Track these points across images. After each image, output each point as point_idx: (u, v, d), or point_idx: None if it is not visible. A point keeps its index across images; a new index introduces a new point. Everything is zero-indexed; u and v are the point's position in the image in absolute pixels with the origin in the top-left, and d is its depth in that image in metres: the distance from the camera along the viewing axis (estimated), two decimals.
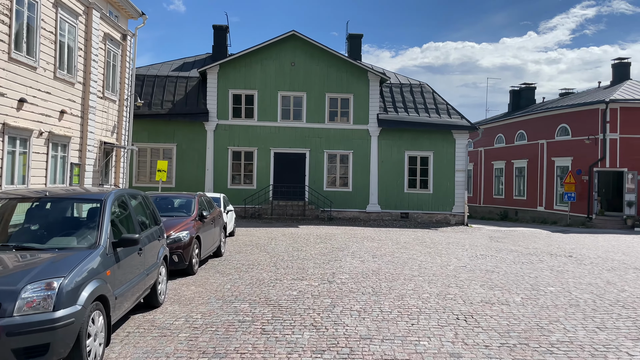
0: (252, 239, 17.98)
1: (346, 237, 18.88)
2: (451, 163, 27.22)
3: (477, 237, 20.50)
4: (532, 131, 33.58)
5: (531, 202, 33.33)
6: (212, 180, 26.49)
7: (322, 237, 18.94)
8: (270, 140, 26.78)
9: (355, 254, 14.51)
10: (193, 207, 12.08)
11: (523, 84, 39.58)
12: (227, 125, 26.70)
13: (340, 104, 27.14)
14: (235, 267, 12.11)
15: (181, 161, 26.50)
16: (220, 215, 14.25)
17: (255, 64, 26.87)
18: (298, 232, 20.63)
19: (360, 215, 26.91)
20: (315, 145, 26.90)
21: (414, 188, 27.25)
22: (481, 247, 17.07)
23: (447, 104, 28.06)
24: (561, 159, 30.91)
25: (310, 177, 26.81)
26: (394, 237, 19.51)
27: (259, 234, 19.64)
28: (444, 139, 27.27)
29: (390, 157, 27.12)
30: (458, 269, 12.28)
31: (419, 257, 14.23)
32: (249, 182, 26.82)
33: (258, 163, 26.76)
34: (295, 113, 27.03)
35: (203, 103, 26.80)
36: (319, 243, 17.00)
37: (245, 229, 21.34)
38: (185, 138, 26.59)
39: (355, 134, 27.06)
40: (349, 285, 10.04)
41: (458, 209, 27.12)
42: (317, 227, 22.98)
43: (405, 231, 22.18)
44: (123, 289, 6.18)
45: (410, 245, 16.98)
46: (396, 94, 28.31)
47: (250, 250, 14.95)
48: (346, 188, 27.05)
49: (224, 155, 26.66)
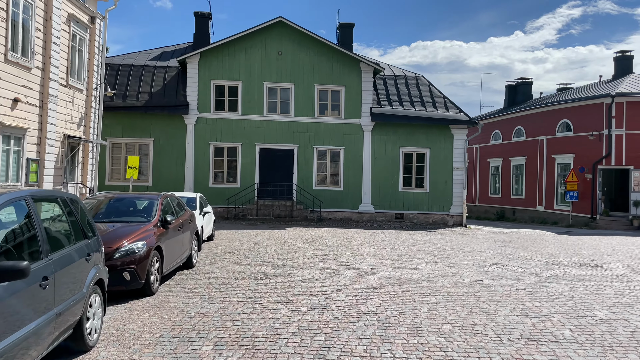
0: (233, 244, 15.67)
1: (338, 242, 16.63)
2: (449, 160, 25.07)
3: (481, 241, 18.34)
4: (531, 127, 31.55)
5: (530, 201, 31.31)
6: (192, 178, 24.10)
7: (311, 241, 16.68)
8: (255, 135, 24.45)
9: (350, 264, 12.26)
10: (155, 210, 9.74)
11: (519, 78, 37.58)
12: (209, 119, 24.31)
13: (330, 96, 24.87)
14: (207, 282, 9.80)
15: (159, 157, 24.08)
16: (192, 218, 11.92)
17: (239, 52, 24.50)
18: (285, 235, 18.35)
19: (352, 215, 24.68)
20: (304, 140, 24.61)
21: (410, 187, 25.06)
22: (490, 253, 14.90)
23: (444, 97, 25.91)
24: (562, 156, 28.89)
25: (298, 175, 24.53)
26: (390, 241, 17.30)
27: (241, 237, 17.33)
28: (442, 134, 25.11)
29: (384, 154, 24.91)
30: (474, 284, 10.07)
31: (425, 267, 12.01)
32: (232, 180, 24.48)
33: (242, 160, 24.42)
34: (282, 106, 24.72)
35: (183, 95, 24.39)
36: (308, 249, 14.73)
37: (227, 231, 19.01)
38: (163, 133, 24.17)
39: (347, 129, 24.81)
40: (346, 312, 7.77)
41: (456, 209, 24.99)
42: (306, 229, 20.71)
43: (401, 234, 19.97)
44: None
45: (411, 251, 14.76)
46: (390, 87, 26.09)
47: (229, 259, 12.65)
48: (337, 187, 24.80)
49: (205, 152, 24.28)
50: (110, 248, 8.18)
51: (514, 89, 37.68)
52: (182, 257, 10.63)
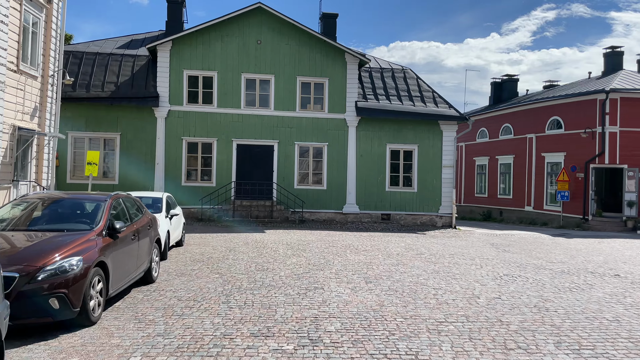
0: (205, 250, 13.58)
1: (324, 247, 14.67)
2: (438, 158, 23.31)
3: (478, 245, 16.58)
4: (519, 124, 30.03)
5: (518, 201, 29.79)
6: (162, 176, 21.86)
7: (293, 246, 14.68)
8: (232, 130, 22.33)
9: (341, 276, 10.31)
10: (100, 215, 7.63)
11: (505, 75, 36.11)
12: (181, 112, 22.10)
13: (313, 89, 22.88)
14: (167, 305, 7.75)
15: (126, 154, 21.77)
16: (153, 223, 9.82)
17: (215, 41, 22.34)
18: (264, 239, 16.32)
19: (335, 216, 22.74)
20: (284, 136, 22.59)
21: (397, 186, 23.23)
22: (494, 261, 13.10)
23: (433, 91, 24.14)
24: (552, 154, 27.41)
25: (278, 173, 22.49)
26: (381, 245, 15.40)
27: (215, 242, 15.25)
28: (430, 130, 23.34)
29: (370, 151, 23.03)
30: (494, 304, 8.21)
31: (428, 280, 10.12)
32: (207, 178, 22.32)
33: (218, 156, 22.27)
34: (261, 99, 22.64)
35: (153, 85, 22.13)
36: (291, 257, 12.73)
37: (200, 235, 16.89)
38: (131, 126, 21.87)
39: (330, 124, 22.86)
40: (345, 352, 5.81)
41: (445, 210, 23.24)
42: (287, 232, 18.70)
43: (390, 237, 18.10)
44: None
45: (406, 258, 12.88)
46: (376, 80, 24.21)
47: (198, 271, 10.59)
48: (320, 186, 22.83)
49: (178, 147, 22.07)
50: (32, 267, 6.07)
51: (499, 86, 36.20)
52: (137, 271, 8.53)
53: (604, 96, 24.51)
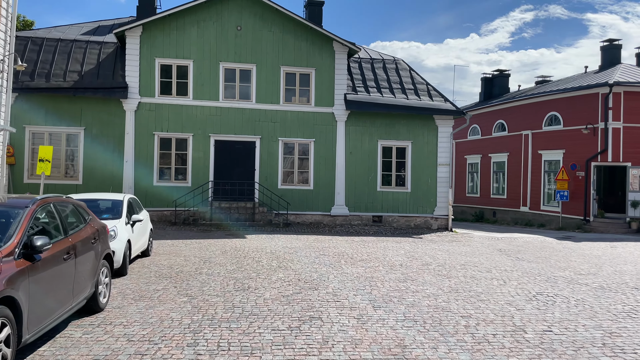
0: (175, 262, 11.36)
1: (313, 256, 12.55)
2: (433, 155, 21.36)
3: (485, 252, 14.64)
4: (514, 121, 28.30)
5: (513, 201, 28.05)
6: (132, 175, 19.49)
7: (279, 255, 12.53)
8: (209, 125, 20.07)
9: (341, 298, 8.21)
10: (13, 230, 5.38)
11: (496, 70, 34.39)
12: (153, 105, 19.76)
13: (299, 80, 20.73)
14: (110, 351, 5.56)
15: (91, 150, 19.35)
16: (101, 235, 7.57)
17: (190, 26, 20.04)
18: (245, 246, 14.13)
19: (323, 219, 20.63)
20: (267, 131, 20.40)
21: (389, 186, 21.21)
22: (514, 272, 11.13)
23: (427, 83, 22.19)
24: (550, 152, 25.71)
25: (261, 171, 20.29)
26: (378, 253, 13.34)
27: (188, 251, 13.01)
28: (425, 125, 21.37)
29: (360, 148, 20.97)
30: (549, 342, 6.20)
31: (449, 303, 8.08)
32: (181, 177, 20.01)
33: (194, 154, 19.99)
34: (242, 91, 20.41)
35: (121, 75, 19.74)
36: (277, 270, 10.59)
37: (172, 242, 14.63)
38: (96, 120, 19.45)
39: (317, 119, 20.73)
40: None
41: (441, 211, 21.30)
42: (271, 236, 16.54)
43: (385, 242, 16.07)
44: None
45: (412, 271, 10.83)
46: (367, 71, 22.16)
47: (162, 292, 8.39)
48: (306, 186, 20.70)
49: (149, 143, 19.72)
50: None
51: (490, 82, 34.47)
52: (75, 301, 6.31)
53: (607, 90, 22.85)
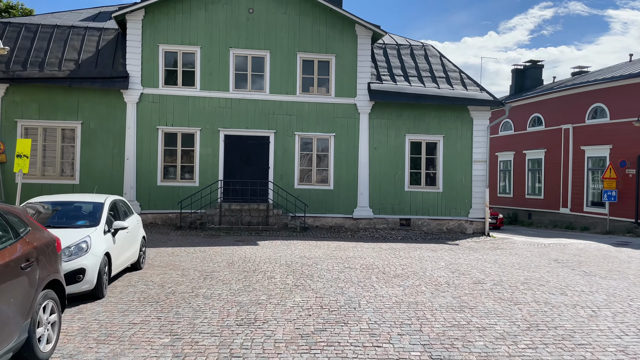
0: (170, 278, 9.24)
1: (337, 269, 10.32)
2: (467, 151, 18.97)
3: (540, 263, 12.24)
4: (551, 114, 25.72)
5: (551, 202, 25.46)
6: (133, 174, 17.49)
7: (295, 268, 10.33)
8: (218, 118, 17.97)
9: (381, 340, 5.99)
10: None
11: (528, 61, 31.78)
12: (157, 96, 17.73)
13: (317, 68, 18.53)
14: None
15: (89, 147, 17.40)
16: (39, 257, 5.41)
17: (197, 9, 17.96)
18: (256, 255, 11.96)
19: (344, 222, 18.38)
20: (282, 125, 18.23)
21: (418, 185, 18.88)
22: (597, 295, 8.77)
23: (460, 71, 19.80)
24: (595, 147, 23.09)
25: (275, 170, 18.13)
26: (415, 265, 11.05)
27: (188, 262, 10.89)
28: (458, 118, 19.00)
29: (385, 143, 18.68)
30: None
31: (537, 349, 5.82)
32: (188, 176, 17.95)
33: (202, 150, 17.91)
34: (254, 80, 18.28)
35: (122, 64, 17.75)
36: (293, 290, 8.39)
37: (172, 251, 12.52)
38: (94, 113, 17.49)
39: (338, 111, 18.50)
40: None
41: (476, 214, 18.89)
42: (287, 243, 14.35)
43: (418, 250, 13.76)
44: None
45: (464, 291, 8.54)
46: (392, 58, 19.86)
47: (140, 327, 6.26)
48: (326, 185, 18.48)
49: (152, 139, 17.69)
50: None
51: (521, 74, 31.87)
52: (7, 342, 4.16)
53: None
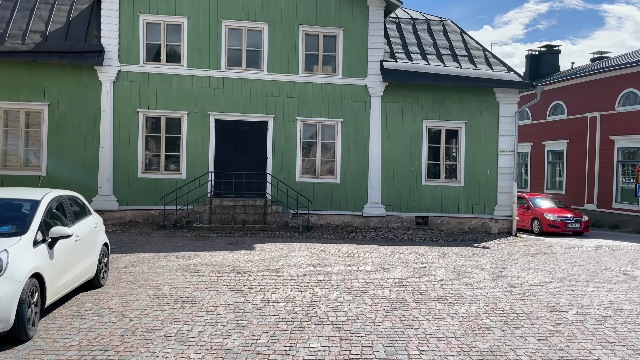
0: (136, 302, 6.69)
1: (360, 288, 7.81)
2: (493, 139, 16.47)
3: (606, 276, 9.78)
4: (575, 101, 23.25)
5: (574, 197, 23.04)
6: (110, 164, 14.89)
7: (303, 285, 7.82)
8: (209, 101, 15.37)
9: None
10: None
11: (544, 46, 29.26)
12: (137, 74, 15.10)
13: (322, 43, 15.94)
14: None
15: (58, 133, 14.78)
16: None
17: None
18: (252, 265, 9.43)
19: (353, 220, 15.87)
20: (282, 109, 15.66)
21: (437, 178, 16.38)
22: None
23: (484, 49, 17.27)
24: (627, 138, 20.65)
25: (274, 160, 15.57)
26: (454, 279, 8.56)
27: (166, 275, 8.35)
28: (483, 102, 16.49)
29: (400, 130, 16.15)
30: None
31: None
32: (174, 168, 15.37)
33: (189, 137, 15.32)
34: (250, 57, 15.67)
35: (96, 37, 15.10)
36: (304, 324, 5.88)
37: (149, 257, 9.98)
38: (64, 94, 14.85)
39: (346, 93, 15.94)
40: None
41: (502, 211, 16.42)
42: (288, 247, 11.82)
43: (446, 255, 11.27)
44: None
45: (548, 326, 6.07)
46: (407, 34, 17.29)
47: None
48: (332, 178, 15.94)
49: (132, 124, 15.08)
50: None
51: (536, 59, 29.37)
52: None
53: None
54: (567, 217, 18.35)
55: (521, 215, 18.46)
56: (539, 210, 18.85)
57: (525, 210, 19.01)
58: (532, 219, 18.83)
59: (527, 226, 18.74)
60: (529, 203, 19.26)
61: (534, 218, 18.77)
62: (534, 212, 18.90)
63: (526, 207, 19.15)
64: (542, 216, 18.52)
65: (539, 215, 18.64)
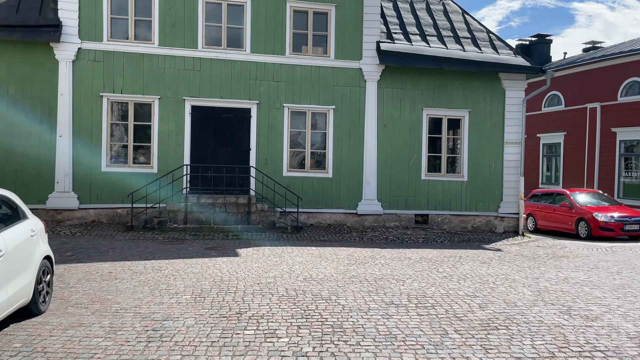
0: (83, 340, 4.76)
1: (380, 311, 6.08)
2: (498, 129, 14.93)
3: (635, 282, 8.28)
4: (573, 91, 21.96)
5: None
6: (69, 156, 12.80)
7: (306, 309, 6.05)
8: (183, 84, 13.39)
9: None
10: None
11: (535, 35, 27.96)
12: (100, 53, 13.02)
13: (312, 21, 14.09)
14: None
15: (7, 120, 12.62)
16: None
17: None
18: (237, 276, 7.61)
19: (347, 219, 14.13)
20: (267, 94, 13.78)
21: (438, 172, 14.77)
22: None
23: (488, 31, 15.69)
24: (630, 129, 19.41)
25: (259, 152, 13.70)
26: (489, 295, 6.92)
27: (128, 293, 6.46)
28: (488, 88, 14.92)
29: (398, 119, 14.45)
30: None
31: None
32: (143, 160, 13.37)
33: (161, 126, 13.32)
34: (230, 35, 13.73)
35: (52, 9, 12.96)
36: None
37: (110, 266, 8.05)
38: (15, 75, 12.68)
39: (339, 77, 14.14)
40: None
41: (508, 208, 14.91)
42: (278, 251, 10.01)
43: (460, 261, 9.64)
44: None
45: None
46: (405, 13, 15.58)
47: None
48: (323, 172, 14.15)
49: (95, 110, 13.01)
50: None
51: (527, 49, 28.02)
52: None
53: None
54: (624, 217, 14.90)
55: (562, 215, 15.80)
56: (586, 209, 15.38)
57: (567, 210, 15.83)
58: (577, 221, 15.37)
59: (569, 229, 15.55)
60: (571, 200, 15.90)
61: (580, 219, 15.28)
62: (579, 211, 15.42)
63: (568, 205, 15.89)
64: (590, 217, 15.02)
65: (586, 215, 15.16)
